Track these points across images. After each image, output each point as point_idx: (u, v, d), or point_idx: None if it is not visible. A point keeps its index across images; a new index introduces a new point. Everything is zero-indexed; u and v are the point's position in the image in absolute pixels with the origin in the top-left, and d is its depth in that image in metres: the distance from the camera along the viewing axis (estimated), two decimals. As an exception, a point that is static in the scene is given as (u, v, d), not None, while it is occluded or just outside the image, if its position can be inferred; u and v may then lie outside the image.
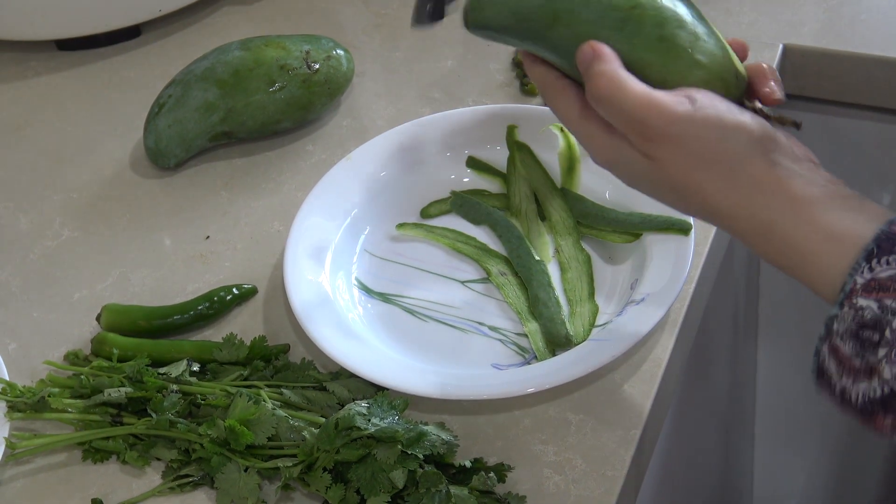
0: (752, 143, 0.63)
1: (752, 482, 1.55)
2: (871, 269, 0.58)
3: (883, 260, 0.57)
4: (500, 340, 0.85)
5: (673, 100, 0.64)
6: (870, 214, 0.61)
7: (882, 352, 0.57)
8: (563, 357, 0.80)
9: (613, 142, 0.66)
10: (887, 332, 0.56)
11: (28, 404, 0.80)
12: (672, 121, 0.63)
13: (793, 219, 0.61)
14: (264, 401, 0.77)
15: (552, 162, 0.95)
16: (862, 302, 0.58)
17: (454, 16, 0.68)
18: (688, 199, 0.65)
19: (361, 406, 0.74)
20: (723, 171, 0.63)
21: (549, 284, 0.87)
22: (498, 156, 0.97)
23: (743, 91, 0.68)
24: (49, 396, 0.80)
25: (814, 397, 1.45)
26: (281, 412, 0.76)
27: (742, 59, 0.70)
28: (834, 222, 0.60)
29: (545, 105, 0.85)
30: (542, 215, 0.93)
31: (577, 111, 0.68)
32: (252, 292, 0.91)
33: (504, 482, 0.74)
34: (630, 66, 0.66)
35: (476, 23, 0.73)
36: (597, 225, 0.90)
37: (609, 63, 0.65)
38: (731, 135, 0.63)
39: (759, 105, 0.68)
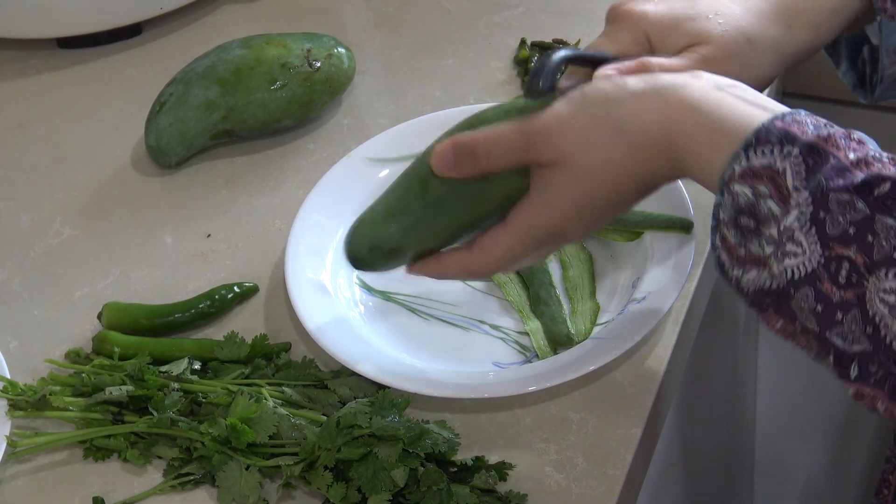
0: (610, 95, 0.66)
1: (752, 480, 1.55)
2: (747, 159, 0.60)
3: (759, 150, 0.60)
4: (501, 339, 0.85)
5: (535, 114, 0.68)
6: (754, 103, 0.63)
7: (769, 248, 0.59)
8: (565, 356, 0.80)
9: (536, 210, 0.69)
10: (773, 230, 0.59)
11: (29, 402, 0.80)
12: (545, 116, 0.67)
13: (683, 128, 0.64)
14: (265, 399, 0.77)
15: (553, 160, 0.95)
16: (737, 188, 0.60)
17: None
18: (617, 176, 0.67)
19: (363, 404, 0.74)
20: (609, 128, 0.66)
21: (551, 283, 0.87)
22: (499, 154, 0.96)
23: None
24: (50, 395, 0.80)
25: (814, 391, 1.46)
26: (282, 410, 0.76)
27: None
28: (718, 120, 0.62)
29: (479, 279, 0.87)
30: (544, 214, 0.93)
31: (502, 242, 0.71)
32: (253, 290, 0.91)
33: (505, 480, 0.74)
34: None
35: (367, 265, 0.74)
36: (598, 223, 0.90)
37: (467, 135, 0.69)
38: (591, 101, 0.66)
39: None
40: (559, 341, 0.83)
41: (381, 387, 0.79)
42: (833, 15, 0.76)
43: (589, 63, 0.74)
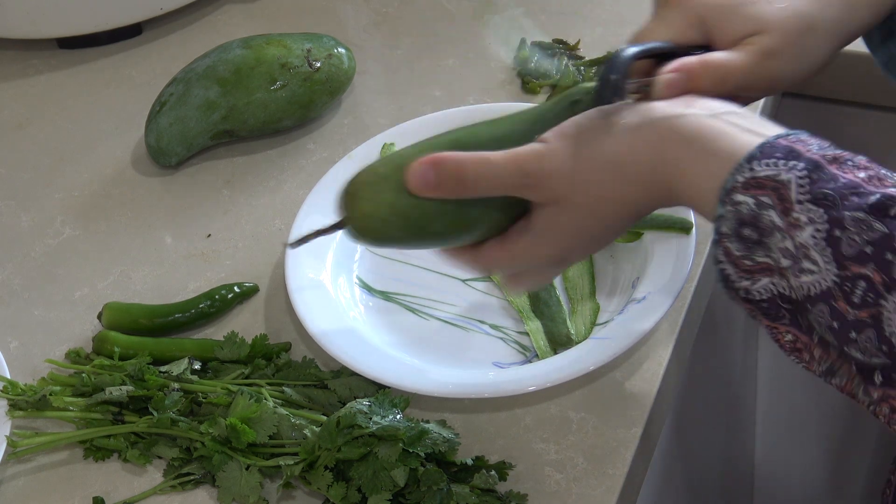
0: (603, 132, 0.65)
1: (752, 478, 1.55)
2: (751, 169, 0.59)
3: (763, 162, 0.59)
4: (501, 339, 0.85)
5: (526, 148, 0.67)
6: (753, 131, 0.62)
7: (785, 262, 0.58)
8: (565, 355, 0.80)
9: (535, 228, 0.68)
10: (780, 242, 0.58)
11: (30, 402, 0.80)
12: (541, 158, 0.66)
13: (678, 163, 0.63)
14: (265, 399, 0.77)
15: (553, 160, 0.95)
16: (740, 197, 0.59)
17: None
18: (616, 209, 0.67)
19: (363, 404, 0.74)
20: (606, 168, 0.65)
21: (551, 283, 0.87)
22: (499, 154, 0.96)
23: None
24: (50, 395, 0.80)
25: (814, 393, 1.46)
26: (282, 410, 0.76)
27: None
28: (715, 150, 0.61)
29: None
30: (544, 214, 0.93)
31: (500, 261, 0.70)
32: (253, 290, 0.91)
33: (505, 480, 0.74)
34: None
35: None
36: (598, 223, 0.90)
37: (458, 155, 0.66)
38: (585, 139, 0.65)
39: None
40: (559, 341, 0.83)
41: (381, 387, 0.79)
42: None
43: (653, 56, 0.71)
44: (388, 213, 0.66)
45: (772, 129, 0.62)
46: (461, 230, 0.69)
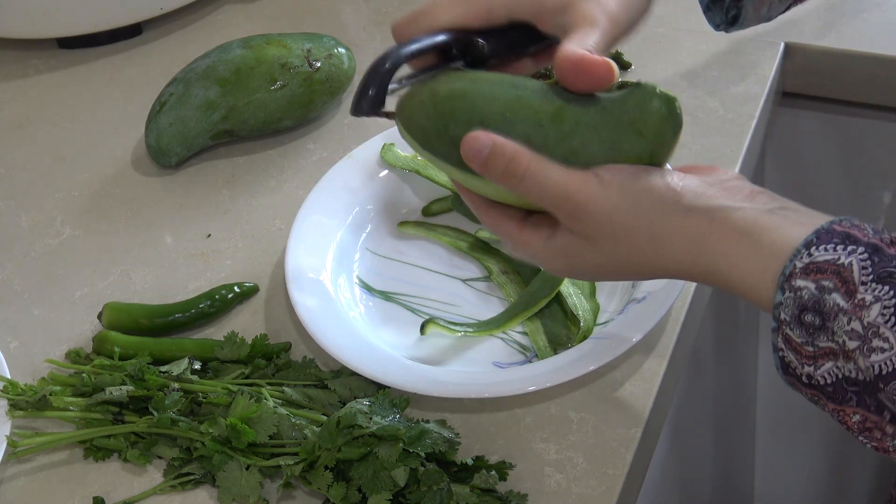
0: (659, 201, 0.65)
1: (752, 479, 1.55)
2: (809, 255, 0.60)
3: (821, 247, 0.59)
4: (501, 339, 0.85)
5: (583, 178, 0.65)
6: (805, 223, 0.62)
7: (852, 343, 0.58)
8: (565, 355, 0.80)
9: (556, 243, 0.68)
10: (846, 324, 0.58)
11: (30, 402, 0.80)
12: (591, 197, 0.65)
13: (726, 256, 0.63)
14: (266, 399, 0.77)
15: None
16: (800, 283, 0.59)
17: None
18: (639, 268, 0.67)
19: (363, 404, 0.74)
20: (647, 236, 0.65)
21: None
22: (499, 154, 0.96)
23: (652, 150, 0.66)
24: (50, 395, 0.80)
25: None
26: (282, 410, 0.76)
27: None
28: (769, 243, 0.62)
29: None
30: (544, 214, 0.93)
31: (516, 227, 0.70)
32: (253, 290, 0.91)
33: (505, 480, 0.74)
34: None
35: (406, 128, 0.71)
36: (598, 223, 0.90)
37: (513, 148, 0.66)
38: (640, 200, 0.65)
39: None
40: (559, 341, 0.83)
41: (381, 387, 0.79)
42: None
43: (430, 51, 0.70)
44: (428, 96, 0.69)
45: (824, 218, 0.62)
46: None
